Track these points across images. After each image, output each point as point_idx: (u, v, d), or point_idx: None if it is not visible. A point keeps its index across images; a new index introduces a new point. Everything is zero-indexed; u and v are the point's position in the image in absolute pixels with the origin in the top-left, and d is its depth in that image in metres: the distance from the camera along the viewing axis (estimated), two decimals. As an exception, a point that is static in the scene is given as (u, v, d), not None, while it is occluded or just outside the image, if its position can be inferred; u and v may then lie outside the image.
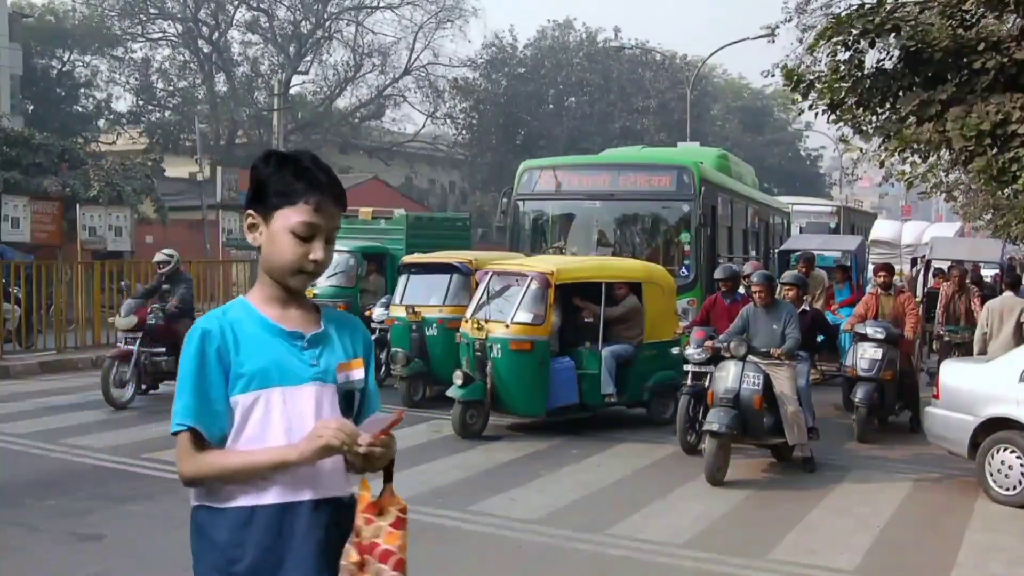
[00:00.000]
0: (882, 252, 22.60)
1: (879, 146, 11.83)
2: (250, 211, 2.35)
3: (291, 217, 2.29)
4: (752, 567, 6.05)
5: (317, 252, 2.31)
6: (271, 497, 2.28)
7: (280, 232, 2.30)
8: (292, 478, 2.28)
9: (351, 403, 2.41)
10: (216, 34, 41.76)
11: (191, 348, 2.31)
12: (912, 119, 9.70)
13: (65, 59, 40.71)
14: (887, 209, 66.64)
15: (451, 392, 9.71)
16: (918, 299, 14.89)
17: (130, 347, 10.99)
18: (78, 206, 19.96)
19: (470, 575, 5.84)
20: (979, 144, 8.99)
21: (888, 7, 9.58)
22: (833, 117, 10.69)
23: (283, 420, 2.29)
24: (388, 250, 15.21)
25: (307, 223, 2.28)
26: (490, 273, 10.45)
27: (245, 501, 2.28)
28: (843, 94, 10.09)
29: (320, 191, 2.30)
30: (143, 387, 11.34)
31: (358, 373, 2.41)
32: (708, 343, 8.92)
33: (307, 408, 2.30)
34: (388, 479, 2.34)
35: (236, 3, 41.68)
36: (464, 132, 45.45)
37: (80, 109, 40.69)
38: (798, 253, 13.72)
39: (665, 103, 43.67)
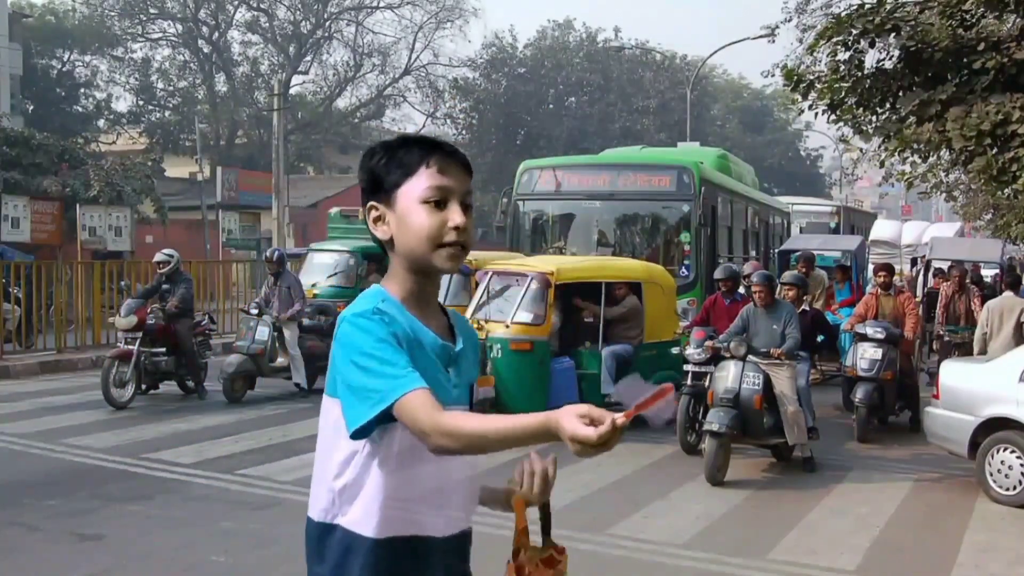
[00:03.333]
0: (882, 252, 22.57)
1: (879, 146, 11.84)
2: (371, 203, 2.12)
3: (416, 188, 2.06)
4: (752, 567, 6.05)
5: (455, 216, 2.05)
6: (410, 527, 2.07)
7: (409, 207, 2.06)
8: (432, 505, 2.09)
9: None
10: (216, 34, 41.81)
11: (379, 326, 2.01)
12: (912, 119, 9.71)
13: (65, 59, 40.78)
14: (887, 209, 66.68)
15: (451, 392, 9.68)
16: (918, 299, 14.89)
17: (130, 347, 10.98)
18: (78, 206, 19.97)
19: (470, 575, 5.84)
20: (979, 144, 8.99)
21: (888, 7, 9.59)
22: (833, 117, 10.70)
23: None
24: (388, 250, 15.20)
25: (435, 186, 2.05)
26: (490, 273, 10.45)
27: (383, 530, 2.05)
28: (843, 94, 10.10)
29: (439, 152, 2.09)
30: (143, 387, 11.34)
31: (488, 391, 2.27)
32: (708, 343, 8.92)
33: None
34: (547, 527, 2.20)
35: (236, 3, 41.72)
36: (464, 132, 45.48)
37: (80, 109, 40.75)
38: (798, 253, 13.72)
39: (665, 103, 43.71)
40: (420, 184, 2.06)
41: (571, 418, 1.85)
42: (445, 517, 2.12)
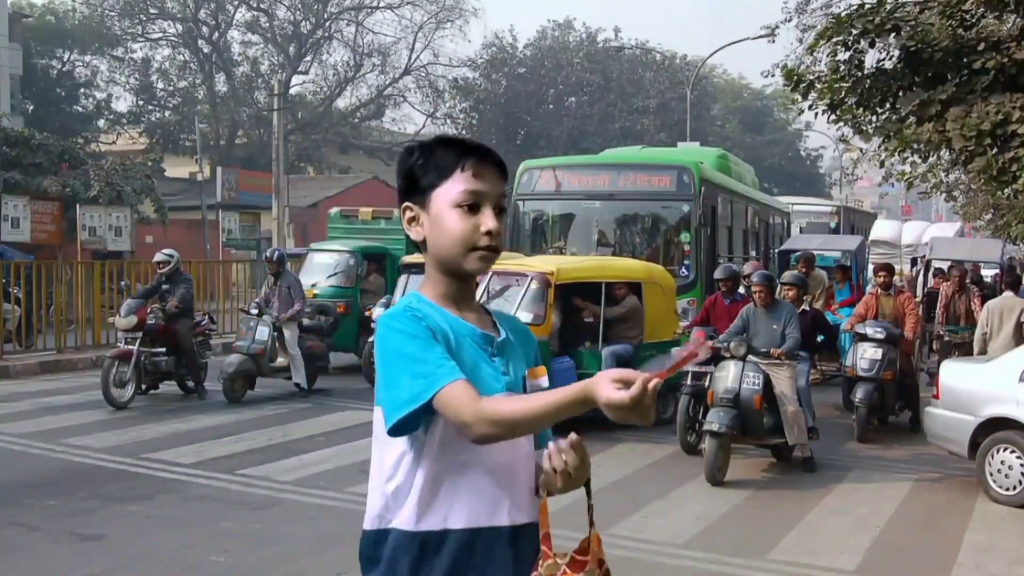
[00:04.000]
0: (882, 252, 22.57)
1: (879, 146, 11.85)
2: (406, 203, 2.13)
3: (451, 191, 2.07)
4: (752, 567, 6.05)
5: (488, 221, 2.06)
6: (461, 520, 2.05)
7: (443, 211, 2.07)
8: (484, 496, 2.06)
9: None
10: (216, 34, 41.80)
11: (411, 324, 2.02)
12: (912, 119, 9.72)
13: (65, 59, 40.78)
14: (887, 209, 66.67)
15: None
16: (918, 299, 14.89)
17: (130, 347, 10.98)
18: (78, 206, 19.97)
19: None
20: (979, 144, 9.00)
21: (888, 7, 9.60)
22: (833, 117, 10.70)
23: None
24: (388, 250, 15.21)
25: (469, 191, 2.06)
26: (490, 273, 10.44)
27: (432, 524, 2.04)
28: (843, 94, 10.10)
29: (475, 155, 2.09)
30: (143, 387, 11.34)
31: (544, 381, 2.24)
32: (708, 343, 8.91)
33: None
34: (590, 509, 2.17)
35: (236, 3, 41.71)
36: (464, 132, 45.45)
37: (80, 109, 40.76)
38: (798, 253, 13.72)
39: (665, 103, 43.70)
40: (454, 188, 2.07)
41: (606, 383, 1.85)
42: (504, 506, 2.08)
